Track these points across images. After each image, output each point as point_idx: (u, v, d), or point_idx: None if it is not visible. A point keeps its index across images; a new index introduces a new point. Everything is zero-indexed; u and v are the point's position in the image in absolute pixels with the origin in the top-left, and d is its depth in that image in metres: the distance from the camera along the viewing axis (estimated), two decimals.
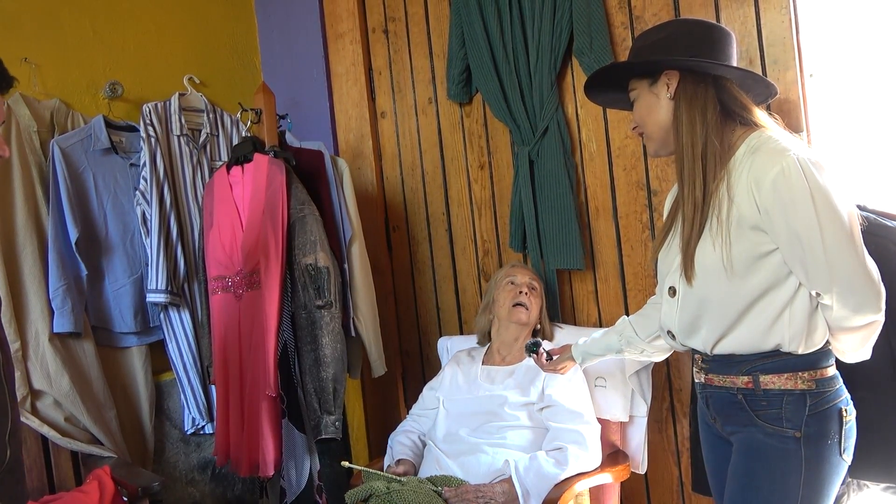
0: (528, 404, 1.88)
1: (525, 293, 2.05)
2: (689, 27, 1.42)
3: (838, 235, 1.24)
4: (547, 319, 2.12)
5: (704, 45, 1.37)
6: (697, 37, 1.39)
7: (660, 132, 1.42)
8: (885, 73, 1.84)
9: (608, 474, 1.84)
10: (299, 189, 2.11)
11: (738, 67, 1.40)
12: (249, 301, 2.07)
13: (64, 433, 2.10)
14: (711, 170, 1.34)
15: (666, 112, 1.40)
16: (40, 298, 2.10)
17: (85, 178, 2.25)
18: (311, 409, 2.03)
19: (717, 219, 1.33)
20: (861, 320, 1.27)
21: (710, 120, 1.35)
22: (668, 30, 1.42)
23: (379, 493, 1.71)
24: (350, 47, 2.73)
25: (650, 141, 1.46)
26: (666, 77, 1.39)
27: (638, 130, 1.48)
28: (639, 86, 1.44)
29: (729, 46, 1.40)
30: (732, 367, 1.36)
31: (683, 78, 1.37)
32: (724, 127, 1.36)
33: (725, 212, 1.32)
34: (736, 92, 1.38)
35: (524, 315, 2.02)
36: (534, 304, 2.06)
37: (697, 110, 1.36)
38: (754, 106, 1.39)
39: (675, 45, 1.38)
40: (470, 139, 2.49)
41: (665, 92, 1.39)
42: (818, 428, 1.29)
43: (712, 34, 1.39)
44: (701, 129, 1.35)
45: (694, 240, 1.36)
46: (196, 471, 2.47)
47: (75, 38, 2.40)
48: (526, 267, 2.19)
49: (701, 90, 1.36)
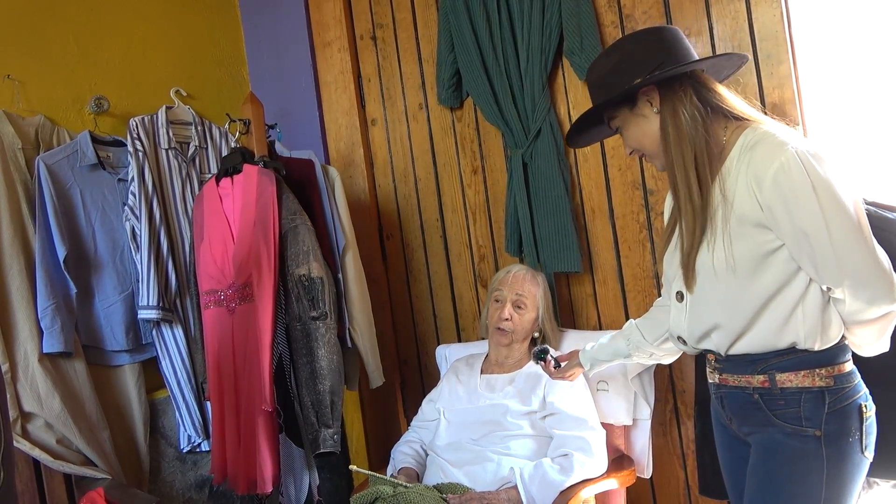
0: (531, 413, 1.85)
1: (508, 318, 1.97)
2: (637, 42, 1.40)
3: (845, 227, 1.21)
4: (550, 321, 2.04)
5: (665, 49, 1.36)
6: (655, 45, 1.37)
7: (660, 148, 1.40)
8: (881, 67, 1.82)
9: (614, 480, 1.81)
10: (290, 199, 2.08)
11: (706, 58, 1.39)
12: (243, 314, 2.04)
13: (56, 456, 2.05)
14: (705, 175, 1.32)
15: (658, 126, 1.38)
16: (28, 318, 2.06)
17: (72, 195, 2.22)
18: (309, 422, 1.99)
19: (717, 222, 1.30)
20: (876, 312, 1.24)
21: (697, 124, 1.33)
22: (619, 52, 1.40)
23: (385, 497, 1.69)
24: (338, 55, 2.70)
25: (655, 158, 1.43)
26: (645, 95, 1.37)
27: (637, 154, 1.46)
28: (619, 114, 1.42)
29: (684, 40, 1.40)
30: (748, 366, 1.33)
31: (662, 89, 1.36)
32: (712, 125, 1.34)
33: (722, 214, 1.29)
34: (712, 83, 1.37)
35: (505, 339, 1.98)
36: (521, 321, 1.98)
37: (682, 117, 1.33)
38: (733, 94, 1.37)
39: (637, 62, 1.36)
40: (462, 144, 2.46)
41: (650, 109, 1.38)
42: (838, 426, 1.26)
43: (664, 37, 1.38)
44: (689, 136, 1.32)
45: (696, 248, 1.34)
46: (193, 490, 2.42)
47: (59, 54, 2.37)
48: (518, 271, 2.07)
49: (681, 96, 1.34)
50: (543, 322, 2.03)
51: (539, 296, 2.03)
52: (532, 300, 2.01)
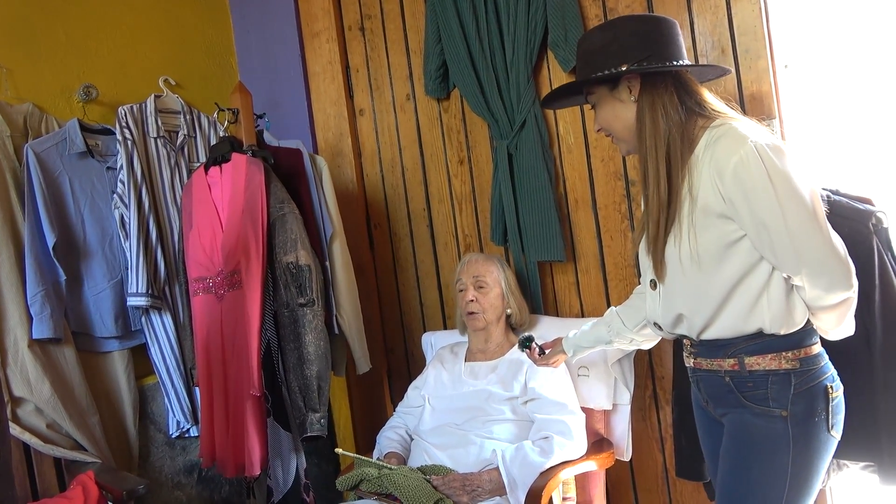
0: (512, 398, 1.90)
1: (472, 299, 2.02)
2: (635, 26, 1.43)
3: (801, 217, 1.26)
4: (515, 296, 2.07)
5: (658, 42, 1.39)
6: (650, 35, 1.40)
7: (629, 134, 1.44)
8: (856, 62, 1.87)
9: (592, 462, 1.86)
10: (278, 188, 2.10)
11: (695, 64, 1.43)
12: (231, 301, 2.07)
13: (46, 440, 2.08)
14: (676, 169, 1.36)
15: (632, 114, 1.42)
16: (18, 305, 2.07)
17: (61, 183, 2.23)
18: (296, 407, 2.02)
19: (683, 215, 1.35)
20: (834, 298, 1.30)
21: (673, 119, 1.37)
22: (614, 31, 1.42)
23: (370, 479, 1.73)
24: (326, 45, 2.72)
25: (621, 143, 1.48)
26: (627, 81, 1.40)
27: (604, 132, 1.50)
28: (598, 91, 1.46)
29: (678, 36, 1.43)
30: (719, 350, 1.38)
31: (645, 79, 1.39)
32: (687, 122, 1.38)
33: (688, 207, 1.34)
34: (694, 85, 1.41)
35: (479, 321, 2.03)
36: (486, 299, 2.03)
37: (660, 111, 1.37)
38: (708, 95, 1.41)
39: (629, 46, 1.38)
40: (449, 134, 2.49)
41: (628, 95, 1.41)
42: (805, 406, 1.32)
43: (661, 29, 1.41)
44: (664, 130, 1.36)
45: (661, 239, 1.39)
46: (182, 474, 2.45)
47: (47, 42, 2.37)
48: (471, 258, 2.12)
49: (661, 89, 1.38)
50: (509, 298, 2.06)
51: (497, 273, 2.08)
52: (491, 277, 2.06)
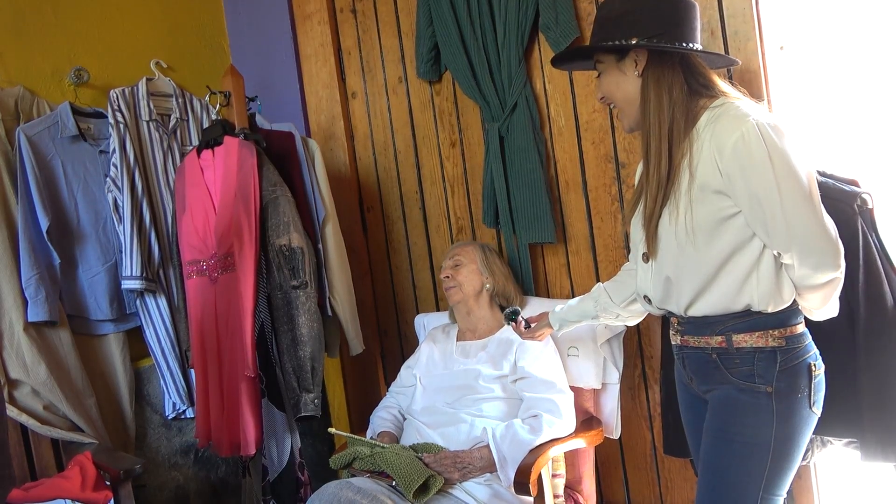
0: (502, 377, 1.92)
1: (447, 275, 2.08)
2: (655, 1, 1.42)
3: (796, 196, 1.28)
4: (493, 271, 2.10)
5: (673, 21, 1.39)
6: (666, 12, 1.40)
7: (630, 107, 1.45)
8: (853, 44, 1.88)
9: (581, 440, 1.89)
10: (271, 171, 2.11)
11: (705, 51, 1.43)
12: (225, 284, 2.08)
13: (43, 421, 2.11)
14: (677, 147, 1.37)
15: (634, 88, 1.43)
16: (13, 288, 2.09)
17: (54, 166, 2.24)
18: (290, 387, 2.05)
19: (680, 191, 1.37)
20: (822, 278, 1.32)
21: (676, 98, 1.39)
22: (633, 2, 1.42)
23: (363, 457, 1.76)
24: (318, 28, 2.71)
25: (624, 117, 1.49)
26: (634, 54, 1.41)
27: (606, 101, 1.51)
28: (606, 59, 1.47)
29: (695, 19, 1.43)
30: (707, 328, 1.41)
31: (652, 56, 1.40)
32: (690, 102, 1.39)
33: (686, 184, 1.36)
34: (702, 68, 1.43)
35: (456, 294, 2.07)
36: (462, 275, 2.07)
37: (665, 89, 1.39)
38: (717, 78, 1.43)
39: (643, 21, 1.39)
40: (441, 117, 2.50)
41: (633, 69, 1.42)
42: (788, 382, 1.35)
43: (679, 8, 1.41)
44: (668, 108, 1.38)
45: (656, 214, 1.41)
46: (179, 455, 2.48)
47: (37, 25, 2.36)
48: (453, 247, 2.19)
49: (668, 69, 1.40)
50: (485, 272, 2.09)
51: (473, 252, 2.12)
52: (467, 255, 2.11)
